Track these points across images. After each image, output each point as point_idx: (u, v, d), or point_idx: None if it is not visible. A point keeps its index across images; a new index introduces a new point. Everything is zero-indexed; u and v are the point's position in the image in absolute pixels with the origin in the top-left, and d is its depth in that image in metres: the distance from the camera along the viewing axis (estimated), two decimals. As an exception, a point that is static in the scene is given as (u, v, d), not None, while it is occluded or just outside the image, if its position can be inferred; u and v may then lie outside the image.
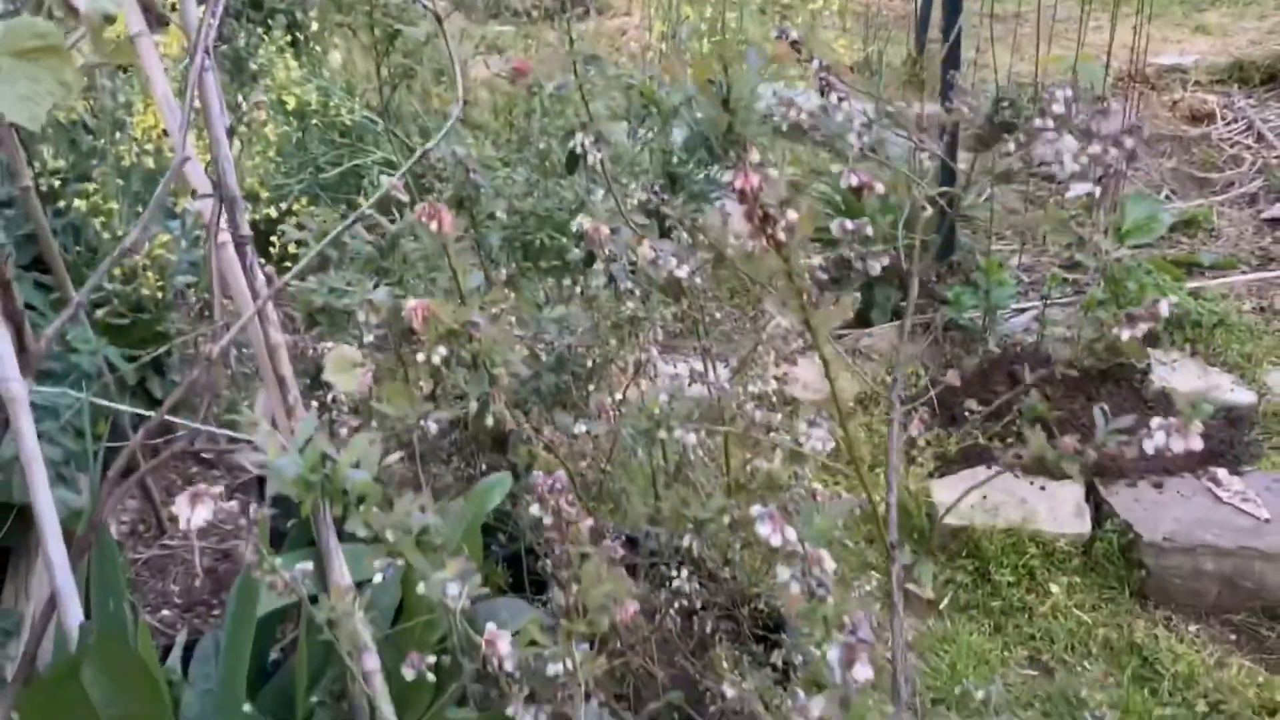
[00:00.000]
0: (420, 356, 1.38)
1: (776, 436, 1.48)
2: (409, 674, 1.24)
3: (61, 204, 2.74)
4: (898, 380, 1.39)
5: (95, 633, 1.06)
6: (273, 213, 3.00)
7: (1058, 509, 2.66)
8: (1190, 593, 2.46)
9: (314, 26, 3.78)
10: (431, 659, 1.25)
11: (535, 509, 1.11)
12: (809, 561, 0.97)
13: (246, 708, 1.29)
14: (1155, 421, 1.00)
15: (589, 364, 1.75)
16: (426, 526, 0.98)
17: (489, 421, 1.54)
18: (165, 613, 2.50)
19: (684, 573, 1.55)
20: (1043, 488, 2.73)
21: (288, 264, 2.39)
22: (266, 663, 1.46)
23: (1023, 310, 3.42)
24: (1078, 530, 2.60)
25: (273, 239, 2.07)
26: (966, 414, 3.00)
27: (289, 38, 3.51)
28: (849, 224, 1.17)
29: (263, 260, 1.49)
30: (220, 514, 1.03)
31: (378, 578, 1.25)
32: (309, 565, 1.07)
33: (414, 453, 1.64)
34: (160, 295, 2.90)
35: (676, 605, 1.74)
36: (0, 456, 1.96)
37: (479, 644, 1.07)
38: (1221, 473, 2.68)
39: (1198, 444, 0.96)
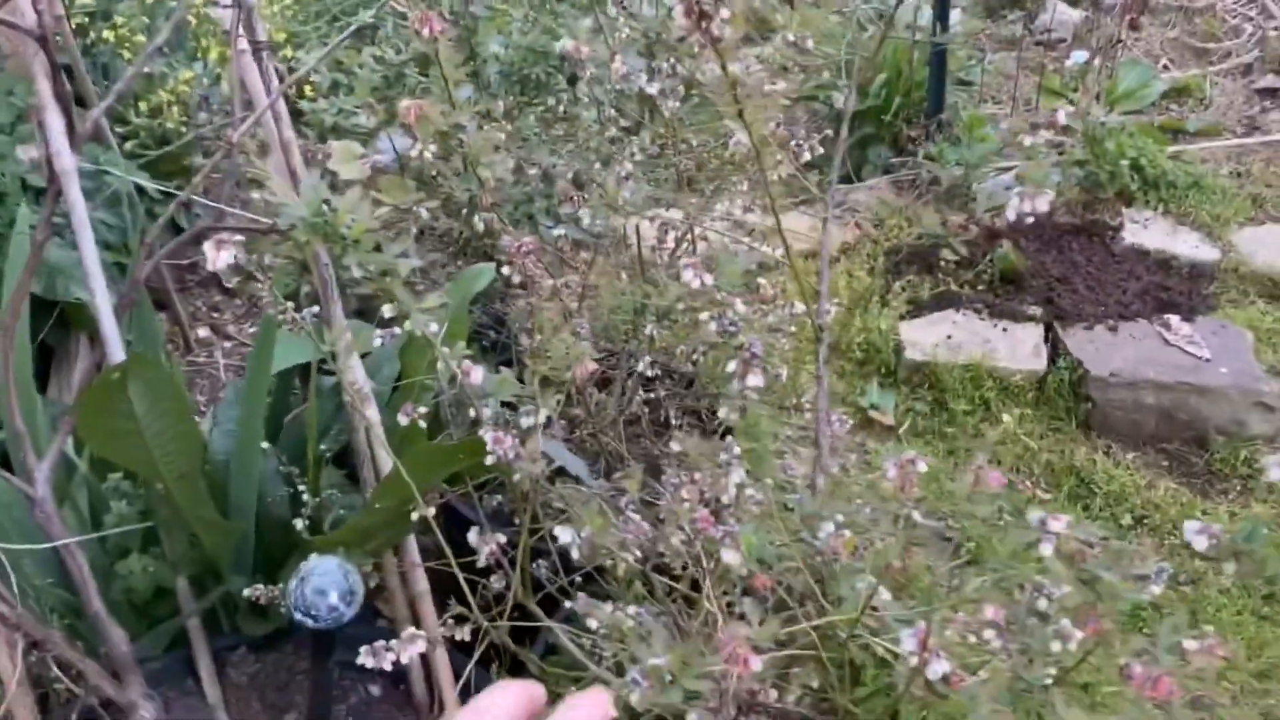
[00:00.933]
0: (414, 151, 1.57)
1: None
2: (403, 420, 1.47)
3: (91, 37, 2.90)
4: (831, 182, 1.56)
5: (133, 354, 1.27)
6: (289, 51, 3.15)
7: (1017, 348, 2.85)
8: (1130, 423, 2.67)
9: None
10: (424, 409, 1.48)
11: (505, 269, 1.32)
12: (724, 306, 1.17)
13: (265, 445, 1.52)
14: (1015, 190, 1.17)
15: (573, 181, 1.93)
16: (412, 269, 1.18)
17: (479, 225, 1.74)
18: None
19: (648, 359, 1.76)
20: (1005, 330, 2.92)
21: (307, 97, 2.57)
22: (285, 415, 1.69)
23: (1006, 169, 3.55)
24: (1033, 367, 2.80)
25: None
26: (942, 263, 3.19)
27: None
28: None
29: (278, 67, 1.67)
30: (241, 260, 1.24)
31: (377, 342, 1.47)
32: (316, 308, 1.27)
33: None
34: (184, 131, 3.07)
35: (641, 394, 1.96)
36: (45, 259, 2.18)
37: (456, 374, 1.29)
38: (1174, 319, 2.87)
39: (1044, 206, 1.13)
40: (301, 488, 1.49)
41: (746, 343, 1.10)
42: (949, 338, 2.89)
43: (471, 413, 1.46)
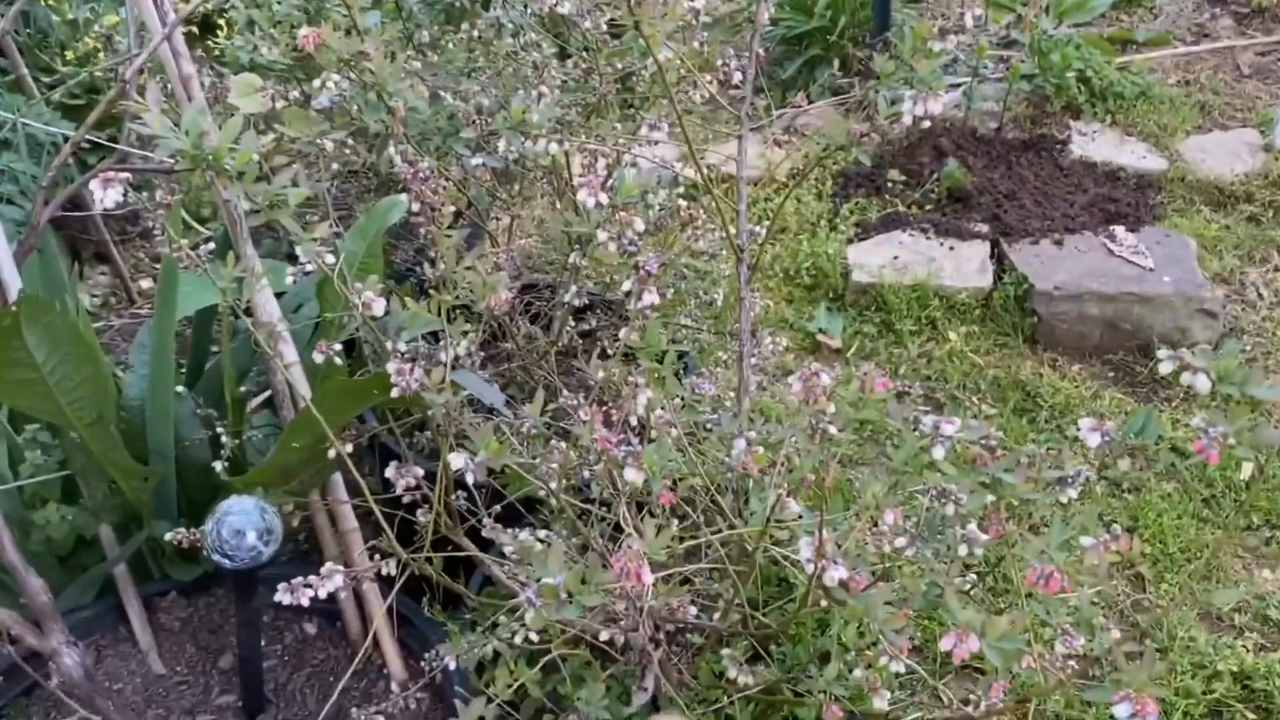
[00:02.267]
0: (315, 83, 1.53)
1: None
2: (318, 358, 1.45)
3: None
4: (747, 98, 1.53)
5: (25, 296, 1.25)
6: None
7: (963, 266, 2.85)
8: (1075, 336, 2.68)
9: None
10: (339, 346, 1.46)
11: (403, 197, 1.29)
12: (623, 223, 1.15)
13: (179, 389, 1.50)
14: (908, 94, 1.15)
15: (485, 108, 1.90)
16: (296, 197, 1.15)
17: (395, 157, 1.71)
18: (135, 367, 2.71)
19: (574, 288, 1.74)
20: (951, 248, 2.91)
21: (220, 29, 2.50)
22: (205, 359, 1.67)
23: (955, 86, 3.52)
24: (979, 285, 2.80)
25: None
26: (889, 184, 3.17)
27: None
28: None
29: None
30: (131, 199, 1.20)
31: (289, 280, 1.44)
32: (213, 245, 1.25)
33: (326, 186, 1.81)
34: (113, 78, 2.99)
35: (575, 325, 1.95)
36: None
37: (356, 307, 1.27)
38: (1119, 230, 2.86)
39: (937, 108, 1.12)
40: (220, 430, 1.48)
41: (642, 261, 1.08)
42: (895, 258, 2.88)
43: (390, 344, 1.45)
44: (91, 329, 1.46)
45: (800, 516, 1.20)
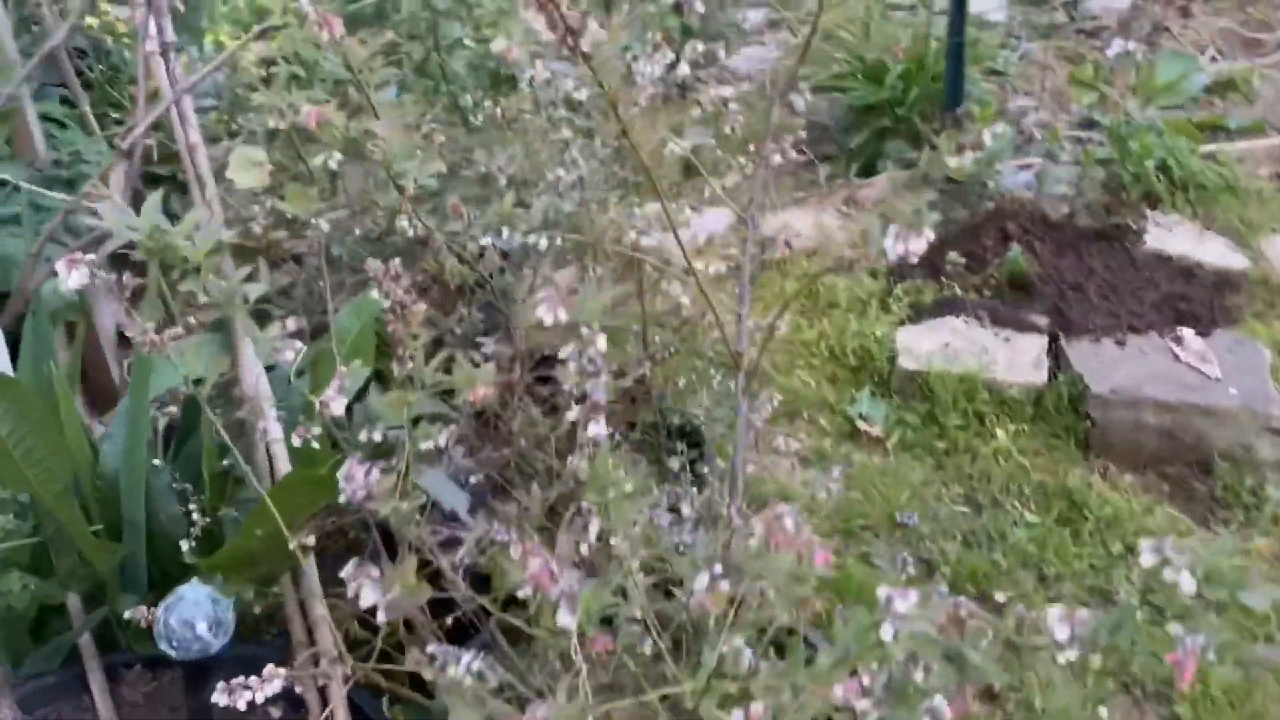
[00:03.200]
0: (317, 160, 1.51)
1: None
2: (295, 441, 1.41)
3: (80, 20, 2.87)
4: (753, 201, 1.46)
5: (-11, 373, 1.24)
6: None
7: (1017, 359, 2.72)
8: (1131, 444, 2.53)
9: None
10: (317, 430, 1.42)
11: (374, 293, 1.25)
12: (585, 340, 1.09)
13: (156, 462, 1.48)
14: (892, 229, 1.06)
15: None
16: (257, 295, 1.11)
17: (408, 230, 1.68)
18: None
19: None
20: (1007, 339, 2.78)
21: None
22: (195, 428, 1.64)
23: (1027, 166, 3.40)
24: (1033, 381, 2.66)
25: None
26: (948, 266, 3.05)
27: None
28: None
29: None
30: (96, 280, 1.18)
31: (288, 355, 1.41)
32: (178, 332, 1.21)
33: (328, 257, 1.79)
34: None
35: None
36: None
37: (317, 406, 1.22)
38: (1187, 333, 2.71)
39: (920, 246, 1.03)
40: (193, 507, 1.45)
41: (589, 389, 1.02)
42: (947, 345, 2.77)
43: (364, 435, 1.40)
44: (70, 396, 1.44)
45: (756, 672, 1.11)
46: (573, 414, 1.02)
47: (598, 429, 1.00)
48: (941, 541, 2.39)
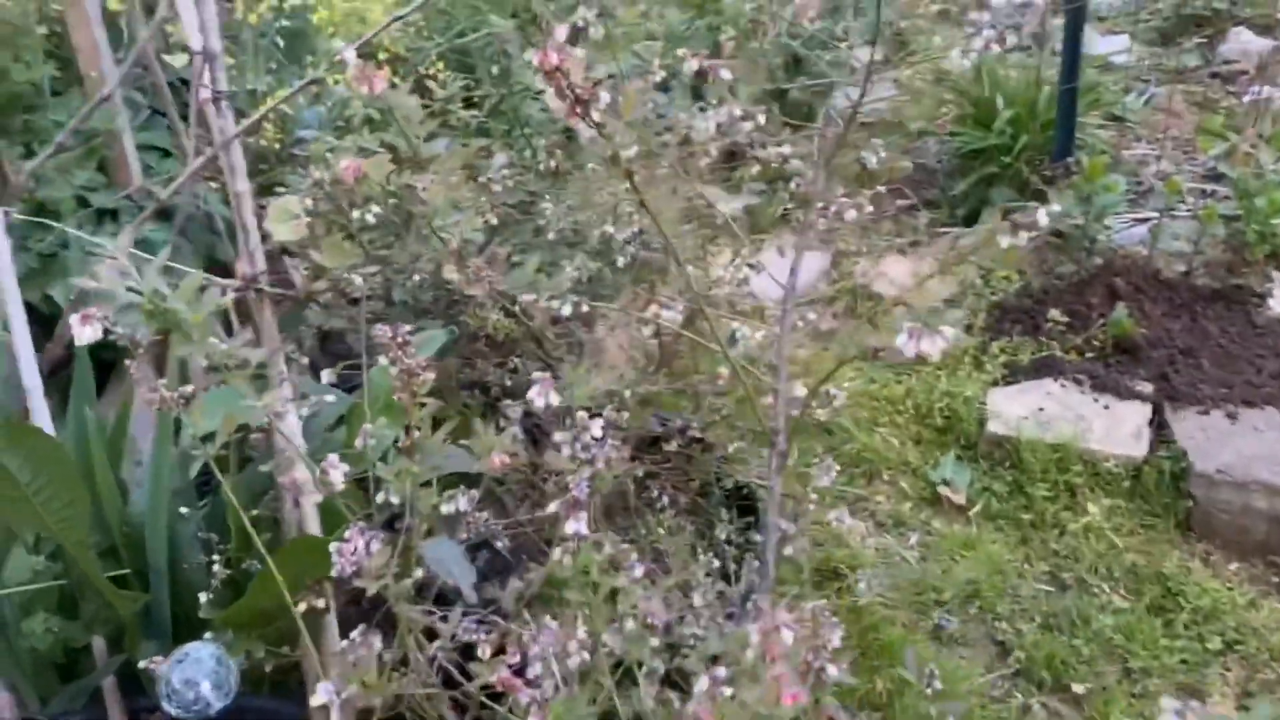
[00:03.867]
0: (355, 213, 1.49)
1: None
2: (316, 498, 1.39)
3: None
4: (795, 271, 1.38)
5: (5, 423, 1.25)
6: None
7: (1116, 429, 2.54)
8: (1237, 529, 2.33)
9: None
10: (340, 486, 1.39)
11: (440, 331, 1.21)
12: (580, 426, 1.03)
13: (183, 510, 1.48)
14: (906, 326, 0.98)
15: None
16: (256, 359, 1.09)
17: (455, 278, 1.65)
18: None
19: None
20: (1106, 407, 2.61)
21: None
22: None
23: (1143, 220, 3.20)
24: (1131, 453, 2.49)
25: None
26: (1049, 324, 2.89)
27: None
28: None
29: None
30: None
31: (305, 412, 1.40)
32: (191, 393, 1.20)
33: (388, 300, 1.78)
34: (279, 147, 3.11)
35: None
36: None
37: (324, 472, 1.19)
38: (1308, 409, 2.49)
39: (935, 349, 0.94)
40: (215, 558, 1.44)
41: (571, 484, 0.96)
42: (1040, 410, 2.61)
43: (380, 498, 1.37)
44: (101, 444, 1.46)
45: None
46: (553, 506, 0.96)
47: (577, 526, 0.94)
48: (1019, 622, 2.24)
